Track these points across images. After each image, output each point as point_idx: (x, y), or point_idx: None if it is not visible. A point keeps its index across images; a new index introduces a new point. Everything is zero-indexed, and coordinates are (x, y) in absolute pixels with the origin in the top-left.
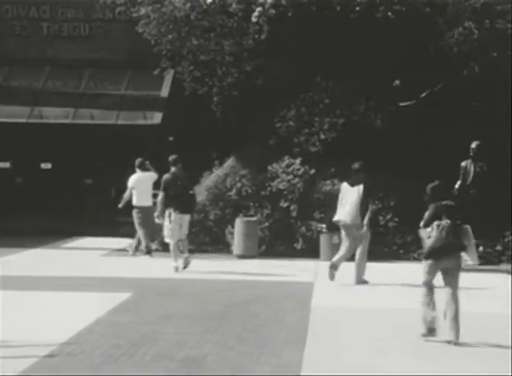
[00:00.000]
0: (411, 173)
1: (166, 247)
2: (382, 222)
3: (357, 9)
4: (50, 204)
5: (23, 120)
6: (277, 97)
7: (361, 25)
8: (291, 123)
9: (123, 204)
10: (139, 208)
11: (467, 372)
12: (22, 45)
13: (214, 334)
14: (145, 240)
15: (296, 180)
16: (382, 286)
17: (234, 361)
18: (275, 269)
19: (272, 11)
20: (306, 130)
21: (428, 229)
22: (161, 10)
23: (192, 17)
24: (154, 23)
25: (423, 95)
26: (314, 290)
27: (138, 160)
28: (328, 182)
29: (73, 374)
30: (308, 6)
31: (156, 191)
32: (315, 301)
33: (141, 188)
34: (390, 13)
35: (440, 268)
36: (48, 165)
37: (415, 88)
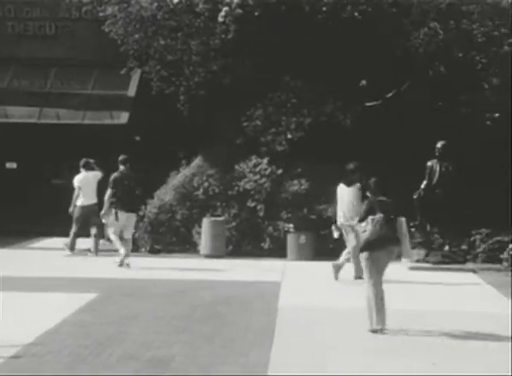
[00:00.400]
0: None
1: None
2: None
3: (324, 10)
4: (16, 204)
5: None
6: (244, 96)
7: (328, 25)
8: (258, 122)
9: (73, 205)
10: (82, 207)
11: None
12: None
13: (181, 335)
14: (72, 237)
15: (263, 180)
16: (350, 285)
17: (201, 361)
18: (242, 269)
19: (239, 11)
20: (273, 129)
21: (363, 223)
22: (128, 10)
23: (158, 17)
24: (121, 23)
25: (389, 95)
26: (281, 289)
27: (83, 160)
28: (295, 181)
29: (39, 375)
30: (276, 6)
31: None
32: (283, 300)
33: (86, 187)
34: (356, 14)
35: (376, 261)
36: (13, 165)
37: (381, 88)
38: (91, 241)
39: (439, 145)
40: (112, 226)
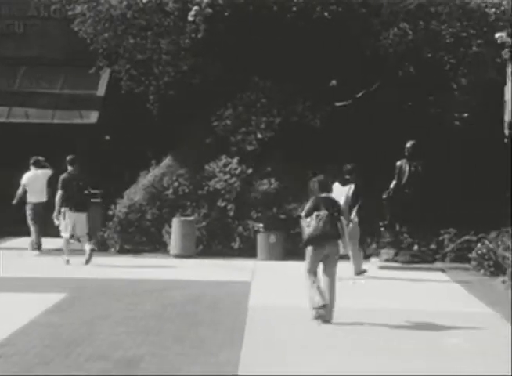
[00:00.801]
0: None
1: (102, 247)
2: None
3: (294, 9)
4: None
5: None
6: (214, 96)
7: (298, 25)
8: (228, 122)
9: (16, 201)
10: (33, 204)
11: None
12: None
13: (150, 335)
14: (35, 236)
15: (233, 180)
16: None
17: (171, 361)
18: (212, 269)
19: (209, 10)
20: (243, 129)
21: (308, 219)
22: (97, 8)
23: (128, 16)
24: (90, 22)
25: (359, 95)
26: (251, 289)
27: (32, 158)
28: (265, 181)
29: (6, 375)
30: (245, 6)
31: None
32: (253, 300)
33: (34, 185)
34: (326, 14)
35: (318, 255)
36: None
37: (351, 88)
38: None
39: (408, 145)
40: (62, 226)
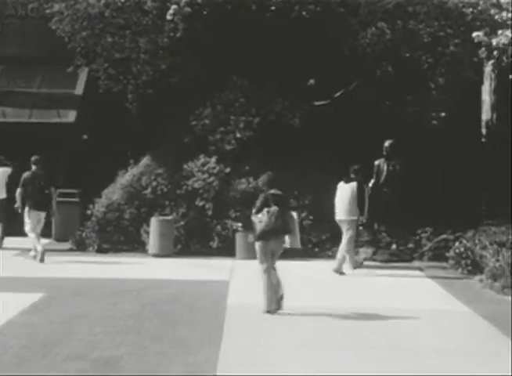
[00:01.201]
0: (326, 172)
1: (80, 246)
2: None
3: (272, 9)
4: None
5: None
6: (193, 95)
7: (276, 24)
8: (207, 121)
9: None
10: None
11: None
12: None
13: (128, 334)
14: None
15: (211, 179)
16: (297, 284)
17: (149, 361)
18: (190, 268)
19: (188, 9)
20: (222, 128)
21: (259, 215)
22: (75, 7)
23: (106, 14)
24: (68, 20)
25: (337, 94)
26: (230, 288)
27: None
28: (243, 180)
29: None
30: (224, 5)
31: None
32: (231, 299)
33: None
34: (304, 13)
35: (269, 249)
36: None
37: (329, 87)
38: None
39: (387, 144)
40: (27, 225)
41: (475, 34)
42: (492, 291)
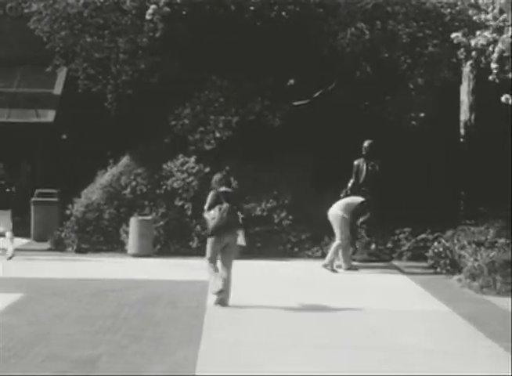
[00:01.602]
0: (305, 172)
1: (59, 246)
2: (276, 220)
3: (251, 9)
4: None
5: None
6: (172, 95)
7: (255, 24)
8: (186, 121)
9: None
10: None
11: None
12: None
13: (107, 334)
14: None
15: (191, 179)
16: (277, 283)
17: (128, 361)
18: (170, 268)
19: (167, 9)
20: (201, 128)
21: (211, 211)
22: (54, 7)
23: (85, 14)
24: (46, 20)
25: (316, 94)
26: (209, 288)
27: None
28: None
29: None
30: (203, 5)
31: None
32: (211, 299)
33: None
34: (284, 13)
35: (219, 244)
36: None
37: (309, 87)
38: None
39: (366, 144)
40: None
41: (454, 35)
42: (471, 291)
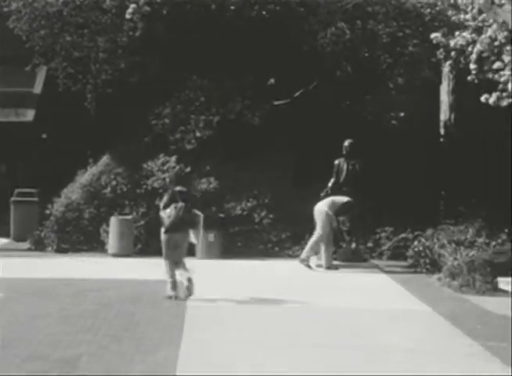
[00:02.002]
0: (285, 171)
1: (39, 246)
2: (257, 220)
3: (232, 8)
4: None
5: None
6: (152, 94)
7: (236, 24)
8: (167, 120)
9: None
10: None
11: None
12: None
13: (88, 334)
14: None
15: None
16: (259, 283)
17: (109, 361)
18: (150, 268)
19: (147, 8)
20: (182, 128)
21: (167, 210)
22: (33, 5)
23: (65, 13)
24: (26, 19)
25: (297, 94)
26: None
27: None
28: (204, 180)
29: None
30: (183, 4)
31: None
32: (191, 298)
33: None
34: (264, 12)
35: (174, 241)
36: None
37: (289, 87)
38: None
39: (346, 143)
40: None
41: (433, 35)
42: (451, 290)
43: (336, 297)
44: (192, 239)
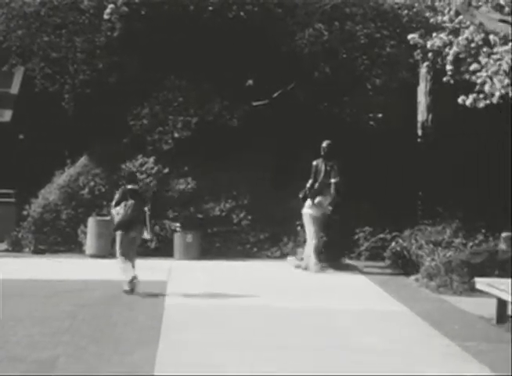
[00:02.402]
0: (264, 172)
1: (16, 247)
2: (235, 220)
3: (210, 9)
4: None
5: None
6: (130, 95)
7: (214, 24)
8: (145, 121)
9: None
10: None
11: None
12: None
13: (65, 335)
14: None
15: (149, 179)
16: (236, 284)
17: (86, 361)
18: None
19: (125, 8)
20: (160, 128)
21: (118, 207)
22: (10, 5)
23: (42, 13)
24: (3, 19)
25: (275, 94)
26: (168, 288)
27: None
28: (182, 180)
29: None
30: (161, 5)
31: None
32: (169, 299)
33: None
34: (242, 13)
35: (126, 238)
36: None
37: (268, 88)
38: None
39: (324, 144)
40: None
41: (410, 37)
42: (428, 290)
43: (312, 297)
44: (145, 235)
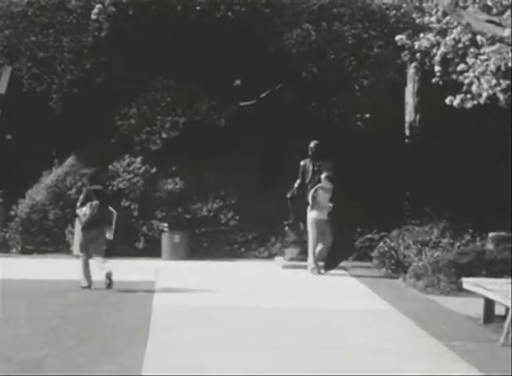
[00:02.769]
0: (252, 172)
1: (3, 247)
2: (223, 221)
3: (197, 9)
4: None
5: None
6: (118, 95)
7: (202, 25)
8: (132, 121)
9: None
10: None
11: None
12: None
13: (53, 336)
14: None
15: (137, 179)
16: (225, 285)
17: (74, 362)
18: (116, 269)
19: (112, 8)
20: (147, 128)
21: (83, 208)
22: None
23: (29, 13)
24: None
25: (263, 95)
26: (155, 289)
27: None
28: (170, 180)
29: None
30: (149, 5)
31: None
32: (157, 299)
33: None
34: (230, 13)
35: (89, 237)
36: None
37: (256, 88)
38: None
39: (312, 144)
40: None
41: (398, 37)
42: (415, 290)
43: (301, 298)
44: (107, 235)
